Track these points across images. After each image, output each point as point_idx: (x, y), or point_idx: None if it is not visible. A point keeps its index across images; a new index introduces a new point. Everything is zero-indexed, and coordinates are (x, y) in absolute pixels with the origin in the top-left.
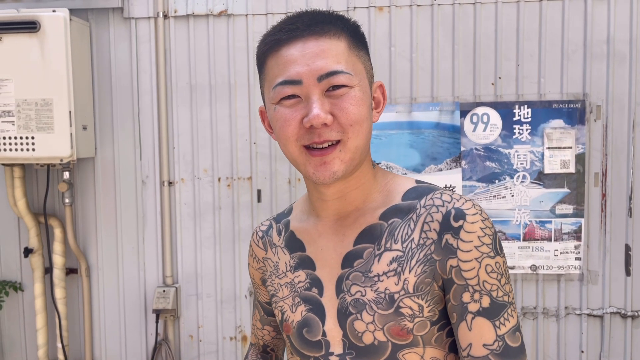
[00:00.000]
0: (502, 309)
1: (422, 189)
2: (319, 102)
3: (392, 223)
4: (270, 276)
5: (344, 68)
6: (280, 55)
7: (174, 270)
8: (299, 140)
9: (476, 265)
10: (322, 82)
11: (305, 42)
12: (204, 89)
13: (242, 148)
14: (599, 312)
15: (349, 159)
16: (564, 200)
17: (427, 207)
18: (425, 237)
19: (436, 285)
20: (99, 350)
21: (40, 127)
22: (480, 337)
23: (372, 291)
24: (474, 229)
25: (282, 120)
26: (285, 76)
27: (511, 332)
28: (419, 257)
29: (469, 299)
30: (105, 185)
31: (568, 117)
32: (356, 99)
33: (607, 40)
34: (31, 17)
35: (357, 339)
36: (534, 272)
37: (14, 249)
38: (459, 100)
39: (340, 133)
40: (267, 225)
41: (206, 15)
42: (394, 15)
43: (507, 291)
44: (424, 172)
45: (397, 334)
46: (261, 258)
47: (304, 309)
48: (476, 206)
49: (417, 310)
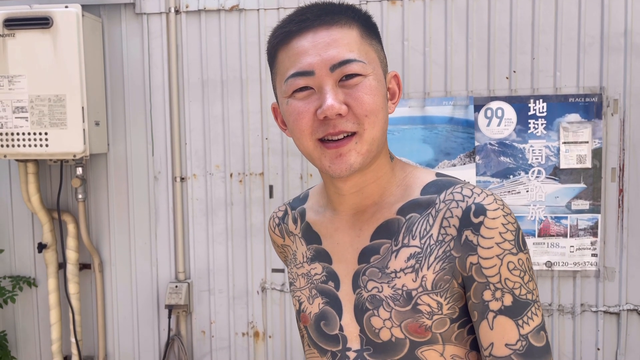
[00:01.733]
0: (526, 308)
1: (442, 182)
2: (332, 92)
3: (410, 218)
4: (289, 263)
5: (356, 56)
6: (291, 47)
7: (186, 265)
8: (313, 134)
9: (497, 262)
10: (335, 72)
11: (316, 33)
12: (215, 84)
13: (254, 144)
14: (616, 309)
15: (366, 151)
16: (580, 196)
17: (447, 202)
18: (444, 233)
19: (456, 283)
20: (112, 345)
21: (54, 123)
22: (503, 336)
23: (389, 287)
24: (495, 224)
25: (295, 113)
26: (297, 68)
27: (535, 332)
28: (438, 253)
29: (490, 297)
30: (117, 181)
31: (584, 111)
32: (371, 88)
33: (624, 32)
34: (44, 13)
35: (374, 335)
36: (549, 269)
37: (28, 245)
38: (473, 94)
39: (355, 124)
40: (283, 212)
41: (218, 10)
42: (407, 9)
43: (530, 289)
44: (437, 168)
45: (415, 331)
46: (280, 245)
47: (321, 301)
48: (498, 201)
49: (436, 307)
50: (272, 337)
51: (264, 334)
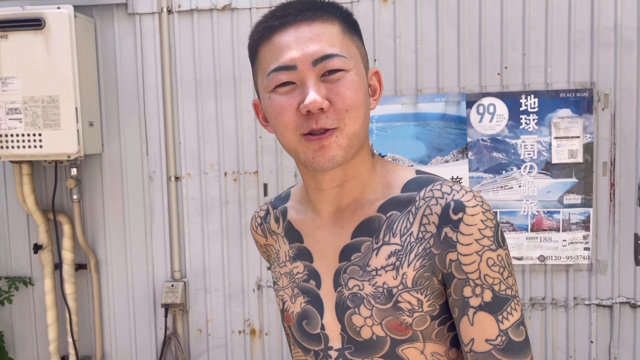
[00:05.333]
0: (505, 303)
1: (422, 180)
2: (315, 87)
3: (390, 216)
4: (273, 263)
5: (338, 51)
6: (272, 42)
7: (182, 264)
8: (297, 129)
9: (477, 258)
10: (317, 67)
11: (298, 28)
12: (209, 83)
13: (248, 142)
14: (608, 302)
15: (347, 145)
16: (572, 190)
17: (427, 200)
18: (424, 231)
19: (436, 280)
20: (109, 345)
21: (47, 124)
22: (483, 332)
23: (370, 285)
24: (474, 221)
25: (278, 108)
26: (279, 62)
27: (515, 327)
28: (418, 251)
29: (470, 293)
30: (112, 181)
31: (575, 106)
32: (353, 83)
33: (614, 27)
34: (36, 14)
35: (355, 334)
36: (542, 263)
37: (24, 245)
38: (465, 91)
39: (336, 120)
40: (265, 211)
41: (210, 9)
42: (399, 7)
43: (510, 284)
44: (430, 164)
45: (395, 329)
46: (263, 244)
47: (303, 300)
48: (477, 197)
49: (417, 304)
50: (268, 335)
51: (260, 331)
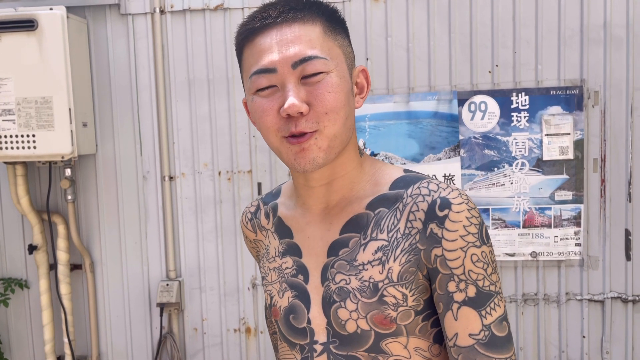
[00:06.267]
0: (488, 299)
1: (409, 178)
2: (294, 90)
3: (378, 213)
4: (262, 258)
5: (318, 53)
6: (254, 44)
7: (177, 264)
8: (279, 131)
9: (461, 254)
10: (297, 69)
11: (279, 30)
12: (202, 83)
13: (241, 141)
14: (600, 297)
15: (327, 147)
16: (563, 187)
17: (414, 197)
18: (410, 227)
19: (421, 275)
20: (105, 345)
21: (41, 124)
22: (466, 326)
23: (356, 280)
24: (460, 218)
25: (260, 110)
26: (260, 65)
27: (498, 322)
28: (404, 246)
29: (454, 288)
30: (106, 181)
31: (566, 103)
32: (333, 85)
33: (603, 25)
34: (29, 15)
35: (340, 327)
36: (534, 259)
37: (19, 246)
38: (457, 89)
39: (315, 124)
40: (256, 207)
41: (202, 9)
42: (390, 5)
43: (493, 281)
44: (422, 162)
45: (380, 323)
46: (252, 240)
47: (291, 295)
48: (462, 195)
49: (401, 299)
50: (263, 333)
51: (255, 329)
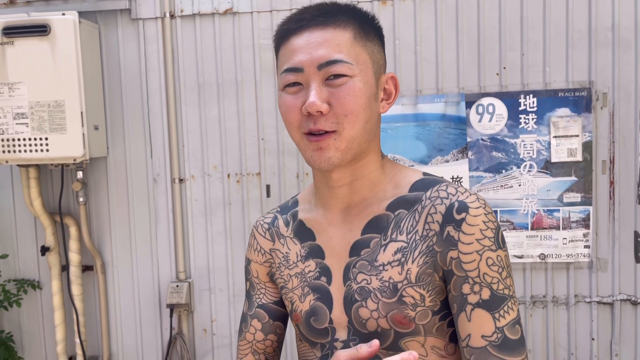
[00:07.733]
0: (502, 302)
1: (428, 181)
2: (316, 90)
3: (398, 214)
4: (279, 268)
5: (344, 57)
6: (288, 44)
7: (187, 265)
8: (300, 128)
9: (477, 257)
10: (322, 71)
11: (312, 32)
12: (211, 87)
13: (250, 144)
14: (609, 300)
15: (345, 148)
16: (571, 189)
17: (432, 199)
18: (428, 229)
19: (437, 276)
20: (116, 345)
21: (54, 128)
22: (479, 328)
23: (377, 280)
24: (476, 222)
25: (285, 106)
26: (290, 64)
27: (511, 325)
28: (422, 248)
29: (468, 290)
30: (117, 183)
31: (574, 105)
32: (354, 89)
33: (612, 27)
34: (41, 20)
35: (361, 326)
36: (543, 261)
37: (31, 248)
38: (464, 91)
39: (334, 124)
40: (272, 217)
41: (212, 14)
42: (398, 8)
43: (507, 284)
44: (430, 164)
45: (399, 322)
46: (268, 250)
47: (312, 298)
48: (480, 200)
49: (419, 299)
50: None
51: None
